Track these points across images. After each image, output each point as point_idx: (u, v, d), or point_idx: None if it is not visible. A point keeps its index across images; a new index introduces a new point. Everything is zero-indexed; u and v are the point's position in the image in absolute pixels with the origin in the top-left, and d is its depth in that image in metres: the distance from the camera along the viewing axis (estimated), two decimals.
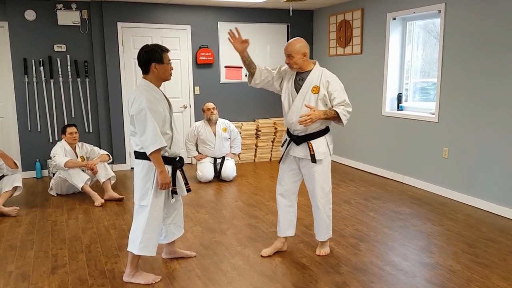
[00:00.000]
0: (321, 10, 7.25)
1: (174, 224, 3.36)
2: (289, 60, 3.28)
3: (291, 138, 3.40)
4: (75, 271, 3.29)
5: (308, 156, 3.31)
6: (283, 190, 3.52)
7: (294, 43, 3.31)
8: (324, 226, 3.46)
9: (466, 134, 4.85)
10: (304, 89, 3.29)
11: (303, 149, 3.33)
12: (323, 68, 3.37)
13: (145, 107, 2.86)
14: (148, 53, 2.95)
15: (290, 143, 3.40)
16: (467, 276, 3.15)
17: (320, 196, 3.38)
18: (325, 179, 3.39)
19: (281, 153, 3.50)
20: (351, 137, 6.72)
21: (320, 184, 3.36)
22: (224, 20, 6.98)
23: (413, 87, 5.98)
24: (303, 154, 3.34)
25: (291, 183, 3.50)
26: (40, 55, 6.16)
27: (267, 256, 3.52)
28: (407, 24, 5.84)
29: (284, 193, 3.51)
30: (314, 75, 3.30)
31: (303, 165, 3.39)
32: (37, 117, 6.26)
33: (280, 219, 3.56)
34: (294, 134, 3.37)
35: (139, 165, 3.04)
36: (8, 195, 4.71)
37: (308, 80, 3.30)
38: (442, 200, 4.98)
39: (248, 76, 3.52)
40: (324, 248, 3.54)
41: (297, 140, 3.34)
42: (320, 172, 3.34)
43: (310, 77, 3.30)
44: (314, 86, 3.27)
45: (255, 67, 3.44)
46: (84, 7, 6.28)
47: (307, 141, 3.30)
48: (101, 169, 5.21)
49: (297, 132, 3.34)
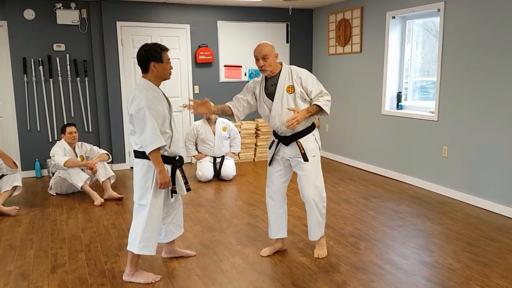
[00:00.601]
0: (320, 9, 7.25)
1: (173, 223, 3.36)
2: (264, 62, 3.21)
3: (279, 140, 3.39)
4: (74, 271, 3.29)
5: (298, 155, 3.31)
6: (271, 191, 3.51)
7: (266, 44, 3.25)
8: (317, 225, 3.43)
9: (465, 132, 4.85)
10: (279, 92, 3.27)
11: (293, 148, 3.33)
12: (290, 66, 3.36)
13: (144, 106, 2.86)
14: (148, 52, 2.94)
15: (279, 144, 3.39)
16: (467, 275, 3.15)
17: (313, 193, 3.36)
18: (317, 176, 3.38)
19: (269, 155, 3.48)
20: (351, 136, 6.72)
21: (312, 182, 3.35)
22: (224, 19, 6.98)
23: (412, 86, 5.98)
24: (293, 153, 3.34)
25: (280, 184, 3.48)
26: (39, 54, 6.16)
27: (266, 256, 3.52)
28: (406, 22, 5.84)
29: (273, 194, 3.50)
30: (284, 76, 3.29)
31: (294, 164, 3.39)
32: (36, 117, 6.25)
33: (271, 221, 3.56)
34: (282, 135, 3.37)
35: (138, 164, 3.04)
36: (8, 195, 4.70)
37: (281, 82, 3.28)
38: (441, 199, 4.98)
39: (230, 118, 3.51)
40: (322, 250, 3.52)
41: (285, 141, 3.34)
42: (311, 169, 3.34)
43: (281, 78, 3.28)
44: (287, 86, 3.26)
45: (228, 107, 3.41)
46: (83, 6, 6.27)
47: (295, 140, 3.31)
48: (100, 169, 5.21)
49: (284, 133, 3.34)
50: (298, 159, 3.33)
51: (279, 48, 7.27)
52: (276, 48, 3.41)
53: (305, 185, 3.35)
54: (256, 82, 3.42)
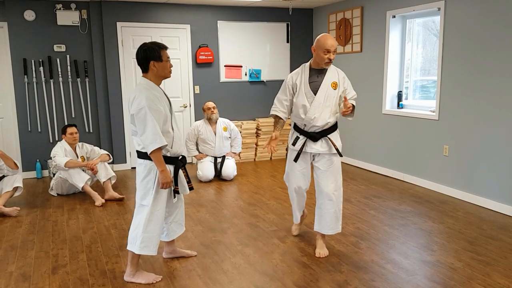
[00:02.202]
0: (320, 9, 7.25)
1: (175, 222, 3.36)
2: (334, 55, 3.33)
3: (306, 135, 3.44)
4: (75, 271, 3.29)
5: (327, 151, 3.42)
6: (297, 187, 3.61)
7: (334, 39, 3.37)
8: (335, 219, 3.49)
9: (466, 131, 4.84)
10: (324, 84, 3.38)
11: (323, 144, 3.43)
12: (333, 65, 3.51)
13: (145, 106, 2.85)
14: (147, 52, 2.93)
15: (305, 140, 3.44)
16: (468, 274, 3.15)
17: (334, 188, 3.45)
18: (338, 172, 3.51)
19: (293, 151, 3.53)
20: (352, 135, 6.72)
21: (334, 177, 3.46)
22: (224, 19, 6.98)
23: (413, 85, 5.97)
24: (322, 149, 3.44)
25: (305, 179, 3.60)
26: (40, 55, 6.16)
27: (297, 234, 3.89)
28: (406, 22, 5.83)
29: (298, 189, 3.62)
30: (332, 71, 3.43)
31: (318, 159, 3.47)
32: (37, 118, 6.26)
33: (296, 210, 3.77)
34: (311, 131, 3.42)
35: (141, 165, 3.03)
36: (9, 196, 4.70)
37: (328, 76, 3.40)
38: (442, 198, 4.98)
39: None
40: (323, 249, 3.53)
41: (316, 136, 3.42)
42: (336, 165, 3.48)
43: (329, 73, 3.41)
44: (333, 82, 3.40)
45: (279, 119, 3.55)
46: (83, 7, 6.27)
47: (326, 136, 3.42)
48: (101, 169, 5.21)
49: (315, 129, 3.41)
50: (324, 155, 3.44)
51: (280, 48, 7.27)
52: (276, 48, 3.44)
53: (329, 181, 3.44)
54: (296, 73, 3.50)
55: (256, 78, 7.25)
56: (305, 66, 3.49)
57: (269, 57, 7.24)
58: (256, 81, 7.27)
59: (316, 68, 3.42)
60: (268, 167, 6.71)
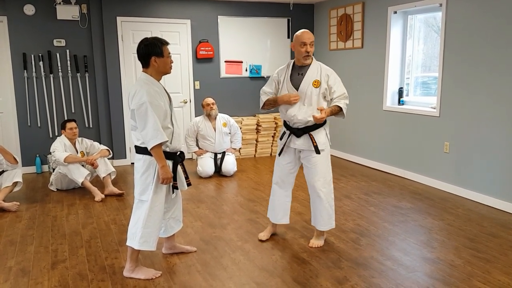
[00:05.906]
0: (321, 4, 7.21)
1: (173, 218, 3.35)
2: (311, 48, 3.31)
3: (290, 131, 3.45)
4: (75, 266, 3.29)
5: (309, 147, 3.40)
6: (279, 180, 3.61)
7: (311, 32, 3.37)
8: (327, 216, 3.51)
9: (467, 128, 4.83)
10: (305, 83, 3.36)
11: (304, 141, 3.41)
12: (319, 62, 3.45)
13: (146, 101, 2.83)
14: (148, 47, 2.92)
15: (290, 135, 3.45)
16: (468, 271, 3.14)
17: (322, 185, 3.45)
18: (327, 169, 3.48)
19: (280, 145, 3.56)
20: (352, 131, 6.70)
21: (322, 174, 3.44)
22: (224, 14, 6.95)
23: (414, 82, 5.95)
24: (303, 145, 3.43)
25: (289, 174, 3.59)
26: (40, 50, 6.14)
27: (265, 240, 3.69)
28: (408, 18, 5.81)
29: (281, 183, 3.61)
30: (313, 69, 3.38)
31: (304, 156, 3.48)
32: (36, 112, 6.24)
33: (276, 207, 3.67)
34: (294, 127, 3.42)
35: (140, 160, 3.02)
36: (8, 191, 4.70)
37: (309, 74, 3.37)
38: (443, 195, 4.97)
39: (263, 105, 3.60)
40: (318, 240, 3.57)
41: (297, 133, 3.41)
42: (321, 162, 3.44)
43: (310, 71, 3.37)
44: (315, 80, 3.35)
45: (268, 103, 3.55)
46: (83, 2, 6.24)
47: (308, 133, 3.39)
48: (101, 164, 5.20)
49: (297, 125, 3.41)
50: (309, 151, 3.41)
51: (280, 44, 7.24)
52: (277, 43, 3.45)
53: (314, 177, 3.44)
54: (281, 70, 3.50)
55: (257, 74, 7.23)
56: (290, 63, 3.49)
57: (269, 52, 7.22)
58: (257, 77, 7.25)
59: (299, 65, 3.41)
60: (268, 163, 6.70)
